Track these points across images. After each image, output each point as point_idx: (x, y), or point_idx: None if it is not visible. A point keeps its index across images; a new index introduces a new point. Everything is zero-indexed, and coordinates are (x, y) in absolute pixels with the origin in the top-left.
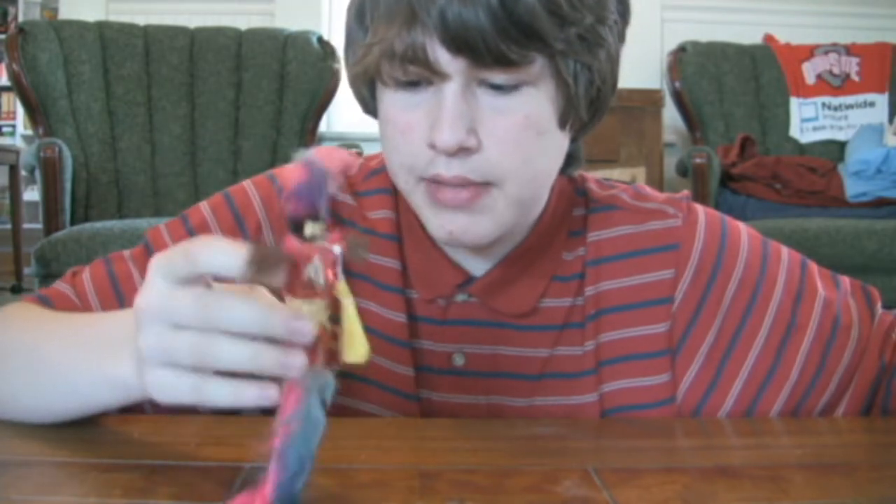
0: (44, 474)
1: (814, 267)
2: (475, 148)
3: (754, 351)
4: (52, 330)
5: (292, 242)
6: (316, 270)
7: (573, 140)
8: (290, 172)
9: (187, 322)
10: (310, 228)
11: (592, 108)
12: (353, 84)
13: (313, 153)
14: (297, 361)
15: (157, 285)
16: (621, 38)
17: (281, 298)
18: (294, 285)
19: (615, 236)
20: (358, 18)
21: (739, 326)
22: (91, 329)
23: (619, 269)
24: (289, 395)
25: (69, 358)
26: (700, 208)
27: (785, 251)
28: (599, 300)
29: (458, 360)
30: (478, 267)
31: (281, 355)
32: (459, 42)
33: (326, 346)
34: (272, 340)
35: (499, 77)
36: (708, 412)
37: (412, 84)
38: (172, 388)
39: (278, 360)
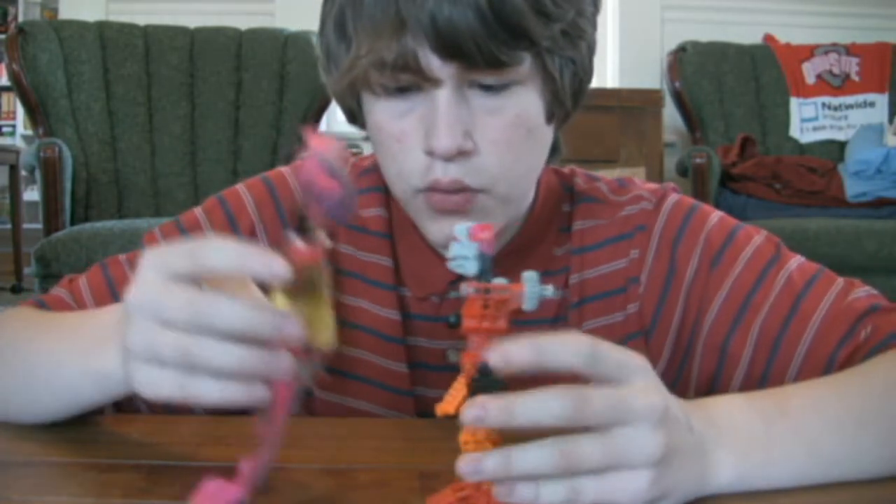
0: (43, 474)
1: (794, 259)
2: (472, 150)
3: (705, 328)
4: (43, 328)
5: (300, 248)
6: (319, 272)
7: (555, 130)
8: (320, 181)
9: (175, 320)
10: (315, 230)
11: (575, 98)
12: (339, 96)
13: (322, 152)
14: (283, 363)
15: (149, 279)
16: (595, 26)
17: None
18: (294, 287)
19: (594, 226)
20: (338, 30)
21: (701, 303)
22: (80, 325)
23: (598, 258)
24: (279, 392)
25: (57, 353)
26: (677, 195)
27: (759, 237)
28: (582, 289)
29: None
30: None
31: (268, 358)
32: (451, 47)
33: (306, 338)
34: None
35: (490, 78)
36: (679, 392)
37: (402, 90)
38: (157, 384)
39: (265, 362)
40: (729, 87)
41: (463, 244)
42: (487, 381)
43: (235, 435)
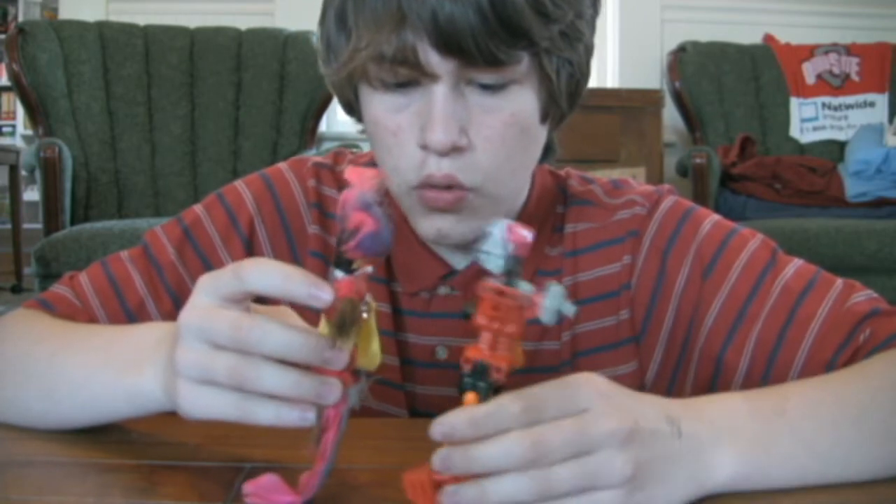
0: (44, 474)
1: (791, 264)
2: (466, 147)
3: (701, 338)
4: (68, 341)
5: (345, 283)
6: (366, 304)
7: (549, 131)
8: (354, 216)
9: (224, 342)
10: (357, 262)
11: (571, 100)
12: (337, 88)
13: (359, 186)
14: (334, 393)
15: (201, 301)
16: (594, 28)
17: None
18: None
19: (587, 229)
20: (339, 22)
21: (695, 312)
22: (114, 341)
23: (591, 261)
24: (333, 418)
25: (87, 369)
26: (672, 198)
27: (755, 241)
28: (575, 292)
29: (441, 354)
30: (460, 260)
31: (319, 385)
32: (451, 43)
33: (356, 363)
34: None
35: (487, 77)
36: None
37: (400, 85)
38: (211, 404)
39: (316, 390)
40: (729, 87)
41: (496, 241)
42: (479, 381)
43: (235, 435)
